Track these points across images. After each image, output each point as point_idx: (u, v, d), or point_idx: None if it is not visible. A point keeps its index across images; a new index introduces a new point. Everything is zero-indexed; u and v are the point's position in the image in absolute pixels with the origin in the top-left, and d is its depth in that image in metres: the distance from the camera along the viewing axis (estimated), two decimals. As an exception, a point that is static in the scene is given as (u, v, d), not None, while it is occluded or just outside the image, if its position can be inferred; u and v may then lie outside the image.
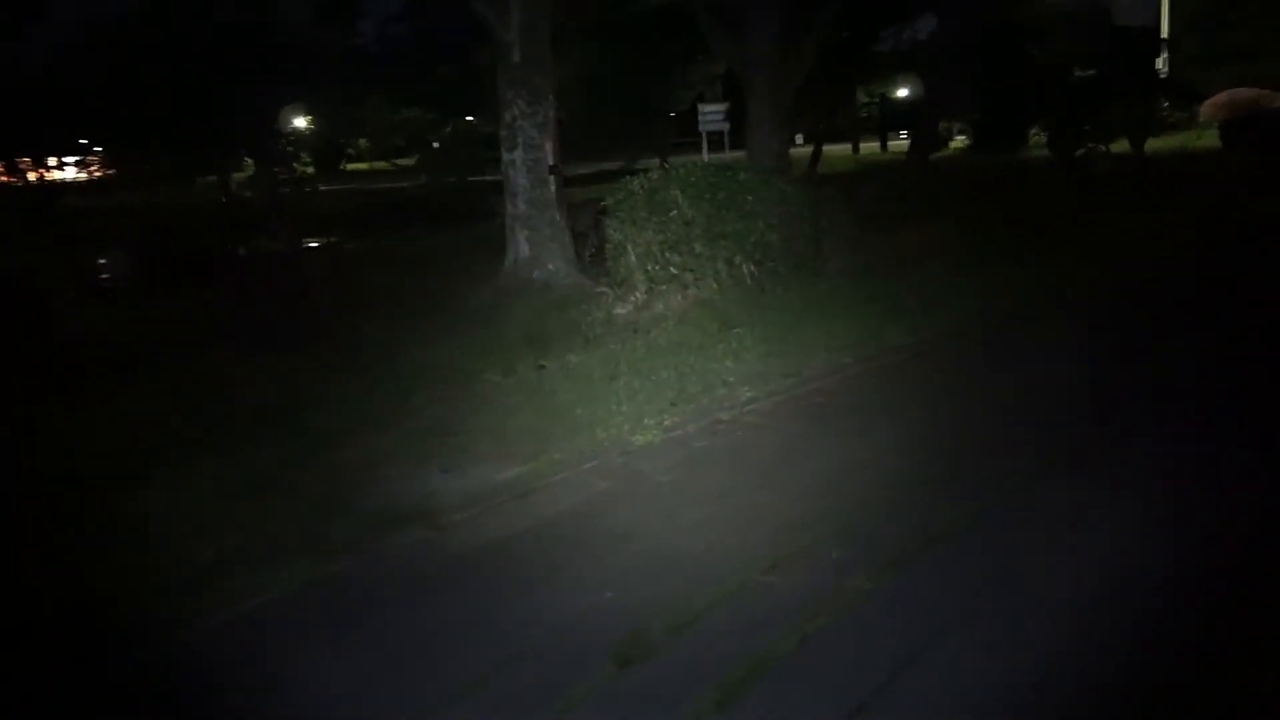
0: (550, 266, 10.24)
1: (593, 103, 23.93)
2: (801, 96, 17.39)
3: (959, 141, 34.00)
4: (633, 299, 8.59)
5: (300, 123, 32.08)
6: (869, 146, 39.89)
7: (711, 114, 18.91)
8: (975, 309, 8.39)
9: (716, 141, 20.12)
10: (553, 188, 10.35)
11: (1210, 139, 25.42)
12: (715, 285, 8.58)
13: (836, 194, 11.61)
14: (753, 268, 8.78)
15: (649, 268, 8.61)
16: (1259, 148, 22.00)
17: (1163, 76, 34.19)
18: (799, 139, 39.41)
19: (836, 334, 7.44)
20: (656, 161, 20.86)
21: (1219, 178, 18.12)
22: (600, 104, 24.43)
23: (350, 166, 46.54)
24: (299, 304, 11.27)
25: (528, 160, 10.23)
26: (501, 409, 6.13)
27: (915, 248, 11.24)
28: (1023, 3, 22.86)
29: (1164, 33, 36.07)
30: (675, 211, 8.63)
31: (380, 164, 42.92)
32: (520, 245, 10.33)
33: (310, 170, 28.86)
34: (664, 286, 8.59)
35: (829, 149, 35.26)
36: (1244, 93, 35.92)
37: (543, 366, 6.96)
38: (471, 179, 24.21)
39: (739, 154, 15.58)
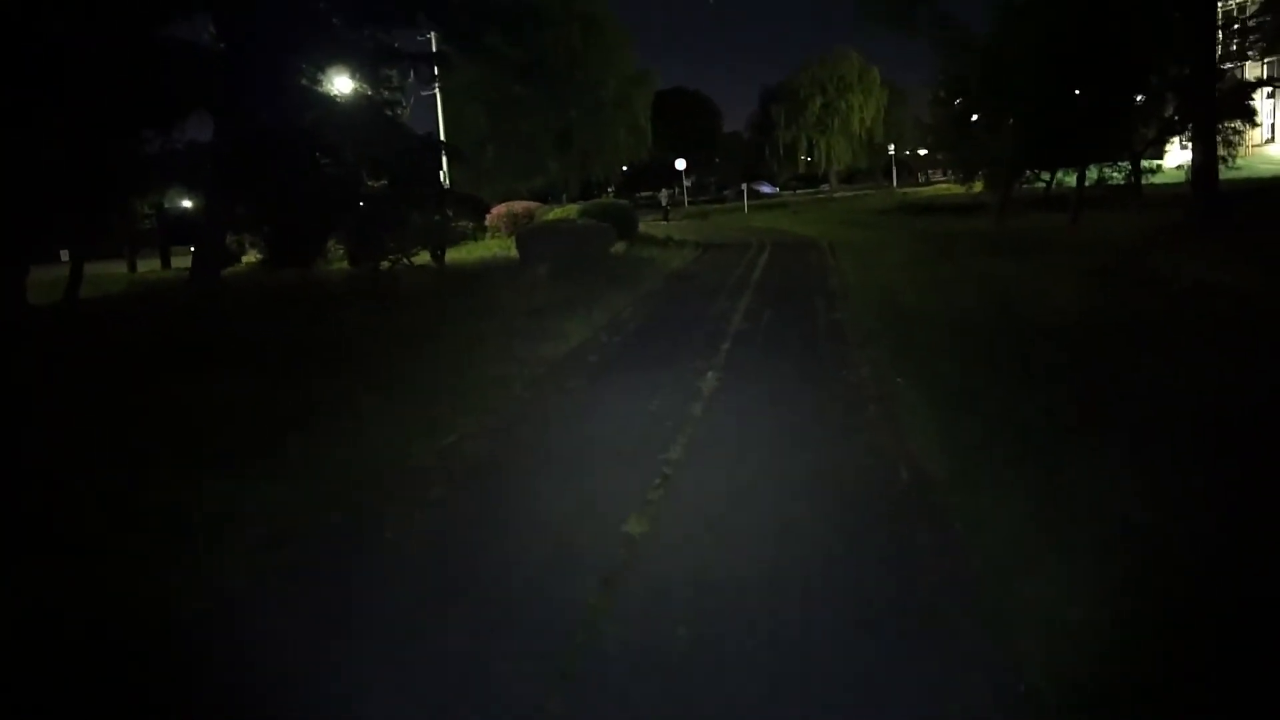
0: None
1: None
2: (46, 206, 13.54)
3: (251, 256, 31.20)
4: None
5: None
6: (150, 263, 35.31)
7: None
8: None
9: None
10: None
11: (508, 249, 25.63)
12: None
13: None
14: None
15: None
16: (550, 260, 22.39)
17: (447, 187, 34.90)
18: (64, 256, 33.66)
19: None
20: None
21: (523, 292, 17.55)
22: None
23: None
24: None
25: None
26: None
27: (207, 416, 8.29)
28: (307, 108, 20.91)
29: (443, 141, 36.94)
30: None
31: None
32: None
33: None
34: None
35: (99, 268, 30.30)
36: (520, 205, 38.24)
37: None
38: None
39: None
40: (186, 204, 33.19)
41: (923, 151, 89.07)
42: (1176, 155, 33.58)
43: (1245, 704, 3.34)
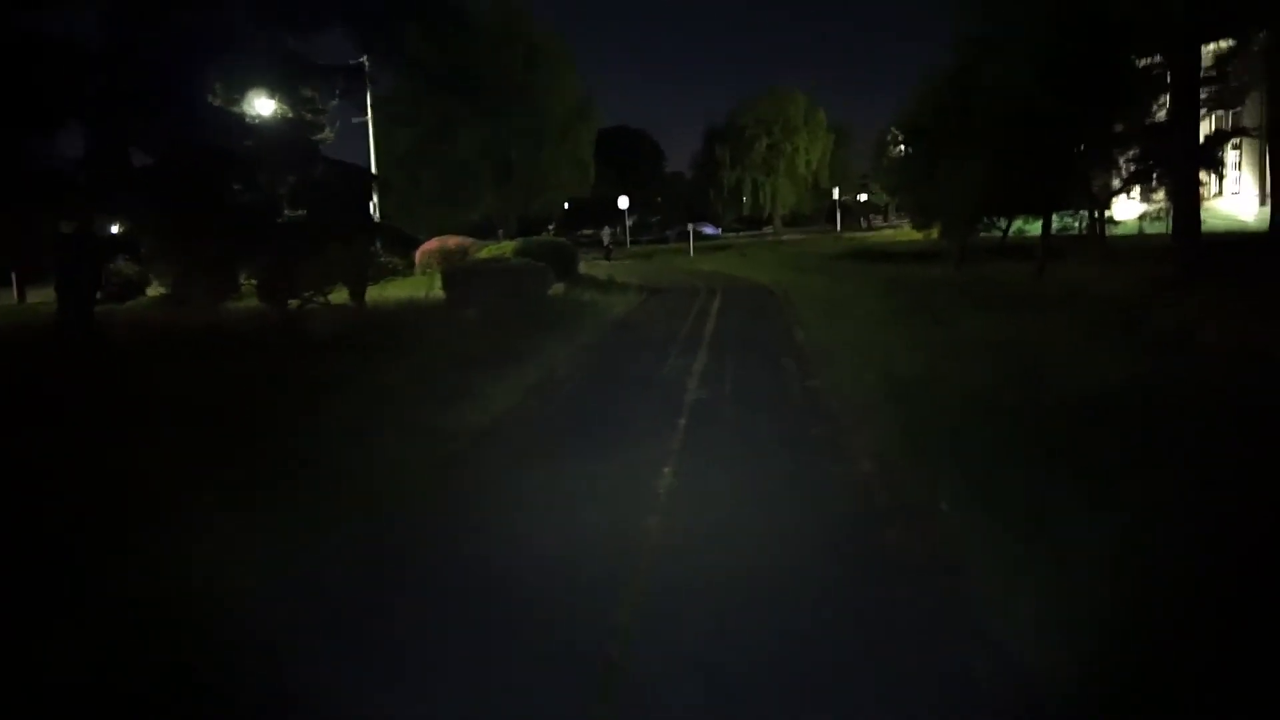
0: None
1: None
2: None
3: (155, 289, 28.60)
4: None
5: None
6: (47, 293, 32.38)
7: None
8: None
9: None
10: None
11: (436, 288, 23.29)
12: None
13: None
14: None
15: None
16: (481, 302, 20.21)
17: (377, 220, 32.54)
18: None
19: None
20: None
21: (445, 341, 15.20)
22: None
23: None
24: None
25: None
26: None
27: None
28: (214, 126, 18.54)
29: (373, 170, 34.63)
30: None
31: None
32: None
33: None
34: None
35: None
36: (454, 240, 36.05)
37: None
38: None
39: None
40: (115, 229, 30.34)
41: (863, 197, 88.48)
42: (1126, 206, 32.44)
43: None
